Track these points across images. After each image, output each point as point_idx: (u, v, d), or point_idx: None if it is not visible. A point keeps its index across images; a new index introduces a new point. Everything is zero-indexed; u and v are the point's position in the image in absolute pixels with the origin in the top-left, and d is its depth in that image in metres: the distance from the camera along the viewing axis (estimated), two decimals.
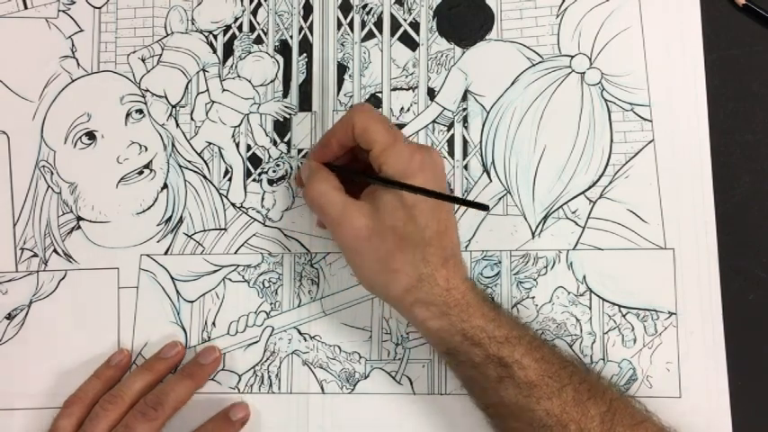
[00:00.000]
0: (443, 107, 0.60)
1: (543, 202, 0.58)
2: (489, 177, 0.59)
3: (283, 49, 0.62)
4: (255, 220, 0.59)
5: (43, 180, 0.61)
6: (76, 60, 0.62)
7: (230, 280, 0.58)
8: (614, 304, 0.56)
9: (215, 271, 0.59)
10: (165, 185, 0.60)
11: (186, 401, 0.55)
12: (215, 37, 0.62)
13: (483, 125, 0.59)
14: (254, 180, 0.60)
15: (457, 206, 0.58)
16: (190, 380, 0.55)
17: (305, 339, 0.57)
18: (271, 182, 0.60)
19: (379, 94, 0.60)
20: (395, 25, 0.61)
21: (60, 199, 0.61)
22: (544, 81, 0.59)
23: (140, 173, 0.60)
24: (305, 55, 0.61)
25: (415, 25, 0.61)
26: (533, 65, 0.60)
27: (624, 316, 0.56)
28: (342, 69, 0.61)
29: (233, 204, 0.60)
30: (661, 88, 0.58)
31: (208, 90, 0.61)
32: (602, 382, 0.50)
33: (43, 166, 0.61)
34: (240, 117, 0.61)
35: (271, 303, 0.58)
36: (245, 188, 0.60)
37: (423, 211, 0.48)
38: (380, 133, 0.50)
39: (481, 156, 0.59)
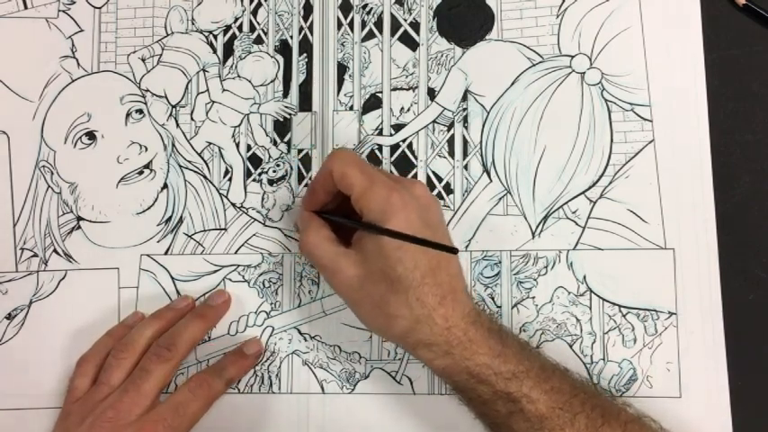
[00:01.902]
0: (443, 107, 0.60)
1: (543, 202, 0.58)
2: (489, 177, 0.59)
3: (283, 49, 0.62)
4: (256, 220, 0.59)
5: (43, 180, 0.61)
6: (77, 60, 0.62)
7: (230, 280, 0.58)
8: (614, 304, 0.56)
9: (215, 271, 0.59)
10: (165, 185, 0.60)
11: (198, 341, 0.56)
12: (215, 37, 0.62)
13: (483, 125, 0.59)
14: (254, 180, 0.60)
15: (458, 205, 0.58)
16: (201, 320, 0.56)
17: (305, 339, 0.57)
18: (271, 182, 0.60)
19: (380, 94, 0.60)
20: (395, 25, 0.61)
21: (60, 199, 0.61)
22: (544, 81, 0.59)
23: (140, 173, 0.60)
24: (305, 55, 0.61)
25: (416, 25, 0.61)
26: (533, 65, 0.60)
27: (624, 316, 0.56)
28: (342, 69, 0.61)
29: (233, 204, 0.60)
30: (661, 88, 0.58)
31: (208, 90, 0.61)
32: (614, 404, 0.49)
33: (43, 166, 0.61)
34: (240, 117, 0.61)
35: (271, 303, 0.58)
36: (245, 188, 0.60)
37: (409, 251, 0.47)
38: (356, 177, 0.48)
39: (481, 156, 0.59)
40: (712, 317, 0.55)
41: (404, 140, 0.60)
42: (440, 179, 0.59)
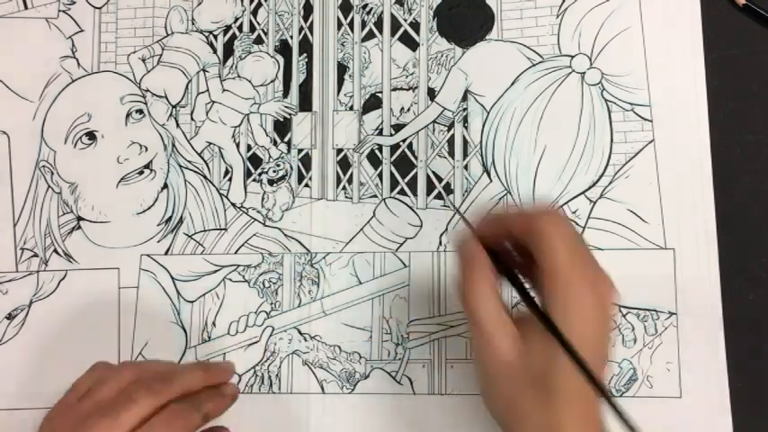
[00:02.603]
0: (443, 107, 0.60)
1: (543, 201, 0.58)
2: (489, 177, 0.59)
3: (283, 49, 0.62)
4: (256, 220, 0.59)
5: (43, 180, 0.61)
6: (77, 60, 0.62)
7: (230, 280, 0.58)
8: (614, 304, 0.56)
9: (215, 271, 0.59)
10: (166, 185, 0.60)
11: (192, 390, 0.51)
12: (215, 37, 0.62)
13: (483, 125, 0.59)
14: (254, 180, 0.60)
15: (458, 205, 0.58)
16: (204, 374, 0.52)
17: (305, 339, 0.57)
18: (271, 182, 0.60)
19: (380, 94, 0.60)
20: (395, 25, 0.61)
21: (60, 199, 0.61)
22: (544, 81, 0.59)
23: (140, 173, 0.60)
24: (305, 55, 0.61)
25: (416, 25, 0.61)
26: (533, 65, 0.60)
27: (624, 316, 0.56)
28: (342, 69, 0.61)
29: (233, 204, 0.60)
30: (661, 88, 0.58)
31: (208, 90, 0.61)
32: None
33: (43, 167, 0.61)
34: (240, 117, 0.61)
35: (271, 303, 0.58)
36: (245, 188, 0.60)
37: (570, 381, 0.39)
38: (563, 254, 0.40)
39: (481, 156, 0.59)
40: (712, 317, 0.55)
41: (404, 140, 0.60)
42: (440, 179, 0.59)
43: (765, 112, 0.58)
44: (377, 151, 0.60)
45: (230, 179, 0.60)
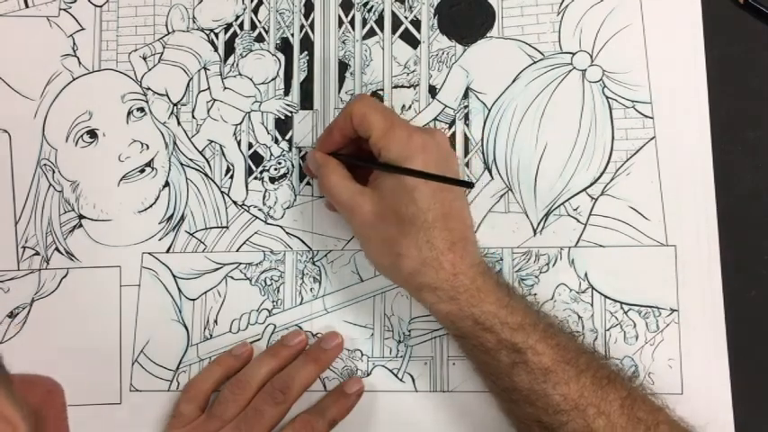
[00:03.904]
0: (445, 105, 0.60)
1: (545, 199, 0.58)
2: (491, 175, 0.59)
3: (285, 47, 0.62)
4: (257, 217, 0.59)
5: (45, 178, 0.61)
6: (78, 59, 0.62)
7: (232, 278, 0.58)
8: (616, 301, 0.56)
9: (217, 269, 0.59)
10: (167, 183, 0.60)
11: (311, 385, 0.55)
12: (216, 35, 0.62)
13: (484, 123, 0.59)
14: (255, 178, 0.60)
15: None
16: (314, 364, 0.55)
17: (307, 337, 0.57)
18: (272, 180, 0.60)
19: (381, 92, 0.60)
20: (396, 23, 0.61)
21: (62, 197, 0.61)
22: (545, 78, 0.59)
23: (142, 171, 0.60)
24: (306, 53, 0.61)
25: (416, 23, 0.61)
26: (534, 62, 0.60)
27: (626, 313, 0.56)
28: (343, 67, 0.61)
29: (234, 202, 0.60)
30: (662, 85, 0.58)
31: (209, 88, 0.61)
32: (620, 372, 0.50)
33: (45, 165, 0.61)
34: (241, 115, 0.61)
35: (273, 301, 0.58)
36: (246, 186, 0.60)
37: (424, 194, 0.48)
38: (377, 119, 0.50)
39: (483, 153, 0.59)
40: (714, 313, 0.55)
41: None
42: None
43: (766, 110, 0.58)
44: None
45: (232, 177, 0.60)
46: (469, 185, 0.47)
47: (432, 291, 0.49)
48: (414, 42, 0.61)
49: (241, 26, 0.62)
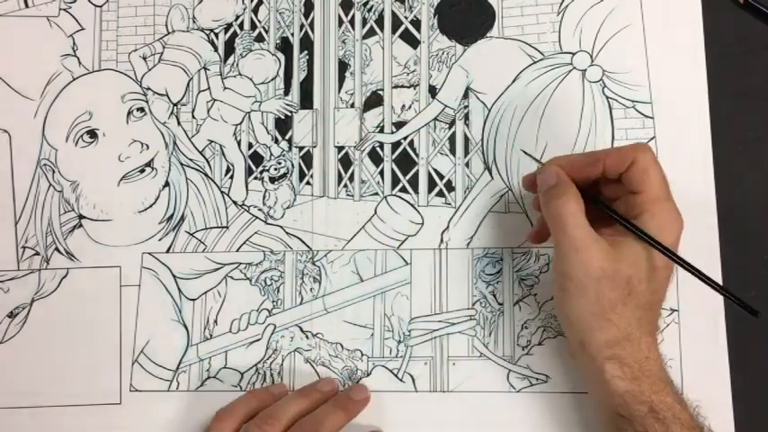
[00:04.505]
0: (445, 105, 0.60)
1: None
2: (491, 175, 0.59)
3: (285, 46, 0.62)
4: (257, 217, 0.59)
5: (45, 178, 0.61)
6: (78, 59, 0.62)
7: (232, 278, 0.58)
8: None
9: (217, 269, 0.59)
10: (167, 183, 0.60)
11: (338, 431, 0.54)
12: (216, 35, 0.62)
13: (484, 123, 0.59)
14: (255, 178, 0.60)
15: (459, 202, 0.58)
16: (343, 411, 0.54)
17: (307, 337, 0.57)
18: (272, 179, 0.60)
19: (381, 92, 0.60)
20: (396, 23, 0.61)
21: (62, 197, 0.61)
22: (545, 78, 0.59)
23: (142, 171, 0.60)
24: (306, 52, 0.61)
25: (416, 23, 0.61)
26: (534, 62, 0.60)
27: None
28: (343, 67, 0.61)
29: (234, 202, 0.60)
30: (662, 85, 0.58)
31: (209, 88, 0.61)
32: None
33: (45, 165, 0.61)
34: (241, 115, 0.61)
35: (273, 301, 0.58)
36: (246, 186, 0.60)
37: (661, 278, 0.47)
38: (659, 182, 0.47)
39: (483, 153, 0.59)
40: (714, 313, 0.55)
41: (405, 138, 0.60)
42: (441, 176, 0.59)
43: (766, 110, 0.58)
44: (378, 149, 0.60)
45: (232, 177, 0.60)
46: (754, 313, 0.45)
47: (620, 365, 0.46)
48: (414, 42, 0.61)
49: (241, 26, 0.62)
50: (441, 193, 0.59)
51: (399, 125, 0.60)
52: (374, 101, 0.60)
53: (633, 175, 0.47)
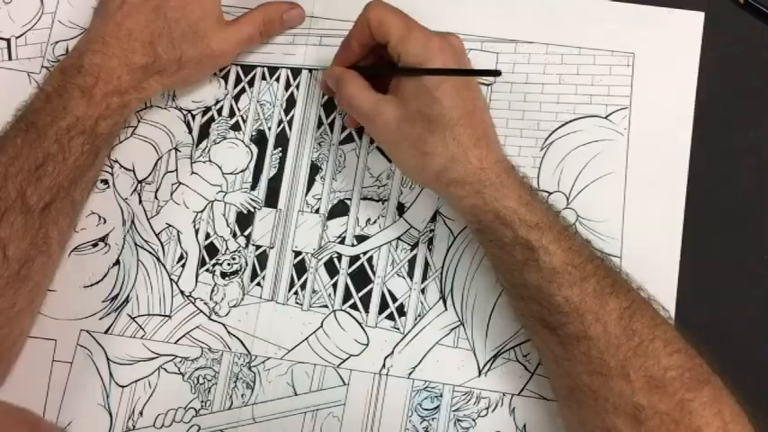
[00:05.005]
0: (411, 225, 0.58)
1: (495, 340, 0.56)
2: (445, 305, 0.57)
3: (260, 139, 0.60)
4: (201, 311, 0.58)
5: None
6: None
7: (165, 370, 0.57)
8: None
9: (152, 358, 0.57)
10: (118, 262, 0.59)
11: None
12: (193, 117, 0.61)
13: (447, 250, 0.58)
14: (207, 270, 0.58)
15: (409, 328, 0.57)
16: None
17: None
18: (224, 275, 0.58)
19: (348, 201, 0.59)
20: None
21: None
22: None
23: (95, 245, 0.59)
24: (280, 149, 0.60)
25: None
26: None
27: None
28: (314, 170, 0.60)
29: (182, 292, 0.58)
30: (635, 243, 0.57)
31: (177, 170, 0.60)
32: (627, 281, 0.50)
33: None
34: (204, 203, 0.59)
35: (201, 401, 0.56)
36: (196, 277, 0.58)
37: (447, 93, 0.49)
38: (395, 23, 0.51)
39: (440, 281, 0.57)
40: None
41: (365, 253, 0.58)
42: (395, 299, 0.57)
43: (766, 110, 0.59)
44: (335, 260, 0.58)
45: (183, 266, 0.59)
46: (497, 73, 0.46)
47: (460, 185, 0.50)
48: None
49: (219, 111, 0.61)
50: (391, 317, 0.57)
51: (361, 239, 0.59)
52: (340, 210, 0.59)
53: (376, 31, 0.52)
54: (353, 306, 0.58)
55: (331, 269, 0.58)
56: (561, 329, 0.48)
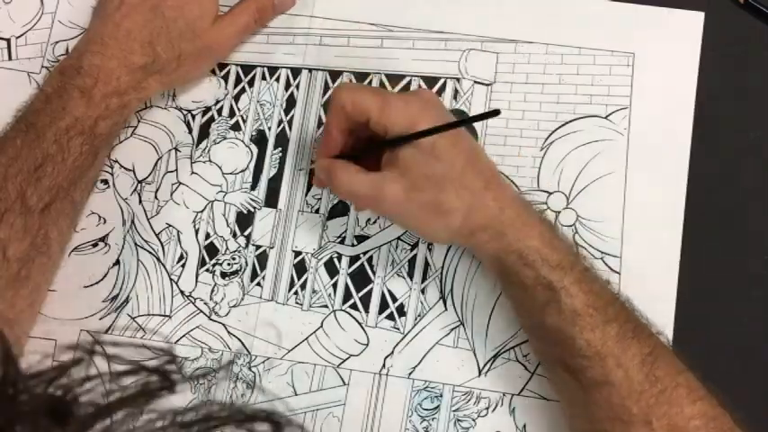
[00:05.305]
0: None
1: (495, 340, 0.56)
2: (445, 305, 0.57)
3: (260, 139, 0.60)
4: (201, 311, 0.58)
5: None
6: None
7: None
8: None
9: (152, 358, 0.57)
10: (118, 262, 0.59)
11: None
12: (193, 117, 0.61)
13: (447, 251, 0.58)
14: (207, 270, 0.58)
15: (408, 328, 0.57)
16: None
17: None
18: (224, 275, 0.58)
19: (348, 202, 0.59)
20: None
21: None
22: None
23: (95, 245, 0.59)
24: (280, 149, 0.60)
25: None
26: None
27: None
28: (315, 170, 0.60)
29: (182, 292, 0.58)
30: (635, 242, 0.57)
31: (177, 170, 0.60)
32: (648, 326, 0.50)
33: None
34: (204, 203, 0.59)
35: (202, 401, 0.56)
36: (196, 277, 0.58)
37: (444, 148, 0.49)
38: (370, 99, 0.50)
39: (440, 281, 0.57)
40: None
41: (365, 253, 0.58)
42: (395, 299, 0.57)
43: (766, 110, 0.58)
44: (335, 260, 0.58)
45: (183, 266, 0.59)
46: (495, 113, 0.46)
47: (483, 230, 0.50)
48: None
49: (219, 111, 0.61)
50: (391, 317, 0.57)
51: (361, 239, 0.58)
52: (340, 210, 0.59)
53: (353, 113, 0.50)
54: (353, 306, 0.58)
55: (331, 269, 0.58)
56: (582, 374, 0.47)
